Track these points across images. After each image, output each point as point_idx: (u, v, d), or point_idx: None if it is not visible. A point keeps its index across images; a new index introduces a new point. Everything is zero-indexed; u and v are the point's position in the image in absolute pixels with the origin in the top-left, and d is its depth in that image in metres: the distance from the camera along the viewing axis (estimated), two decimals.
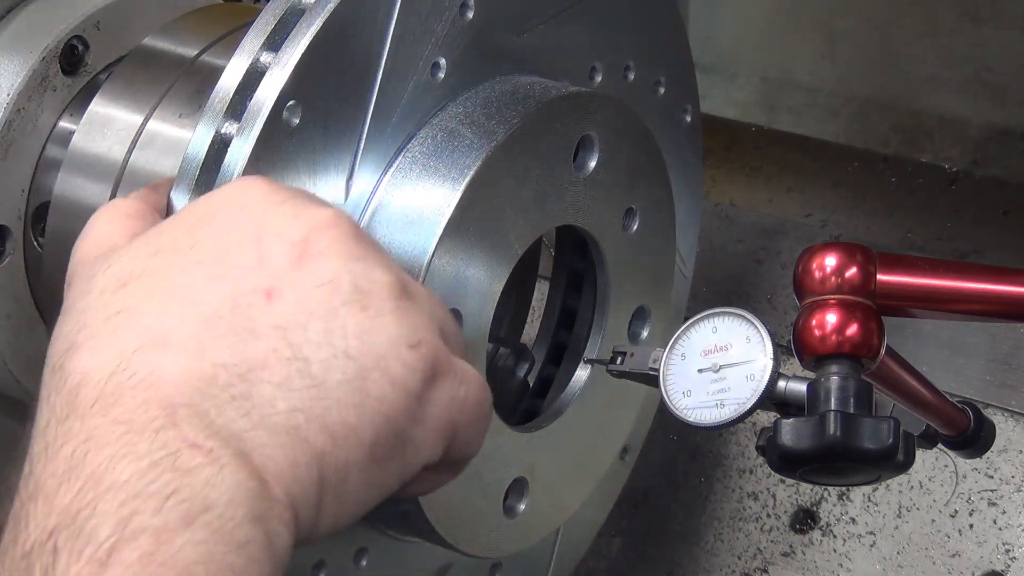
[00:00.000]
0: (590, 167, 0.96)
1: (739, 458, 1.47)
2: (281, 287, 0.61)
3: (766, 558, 1.42)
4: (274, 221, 0.63)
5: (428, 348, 0.63)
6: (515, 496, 1.00)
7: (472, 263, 0.87)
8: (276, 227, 0.63)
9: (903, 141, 1.67)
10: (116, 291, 0.62)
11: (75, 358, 0.60)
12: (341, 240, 0.63)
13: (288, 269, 0.62)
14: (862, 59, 1.69)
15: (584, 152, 0.96)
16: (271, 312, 0.60)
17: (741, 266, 1.55)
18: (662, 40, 1.11)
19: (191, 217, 0.66)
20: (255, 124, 0.77)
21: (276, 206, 0.64)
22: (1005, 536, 1.34)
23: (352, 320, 0.61)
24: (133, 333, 0.60)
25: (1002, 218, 1.55)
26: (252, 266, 0.62)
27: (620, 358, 0.92)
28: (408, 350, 0.62)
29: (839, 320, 0.81)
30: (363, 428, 0.60)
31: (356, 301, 0.62)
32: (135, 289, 0.62)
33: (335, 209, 0.65)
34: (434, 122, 0.89)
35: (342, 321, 0.61)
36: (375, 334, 0.62)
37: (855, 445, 0.77)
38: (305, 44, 0.79)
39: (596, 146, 0.96)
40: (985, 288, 0.84)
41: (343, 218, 0.65)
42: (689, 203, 1.20)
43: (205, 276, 0.61)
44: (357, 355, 0.61)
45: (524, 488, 1.01)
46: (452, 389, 0.65)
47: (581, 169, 0.96)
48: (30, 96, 0.99)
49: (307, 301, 0.61)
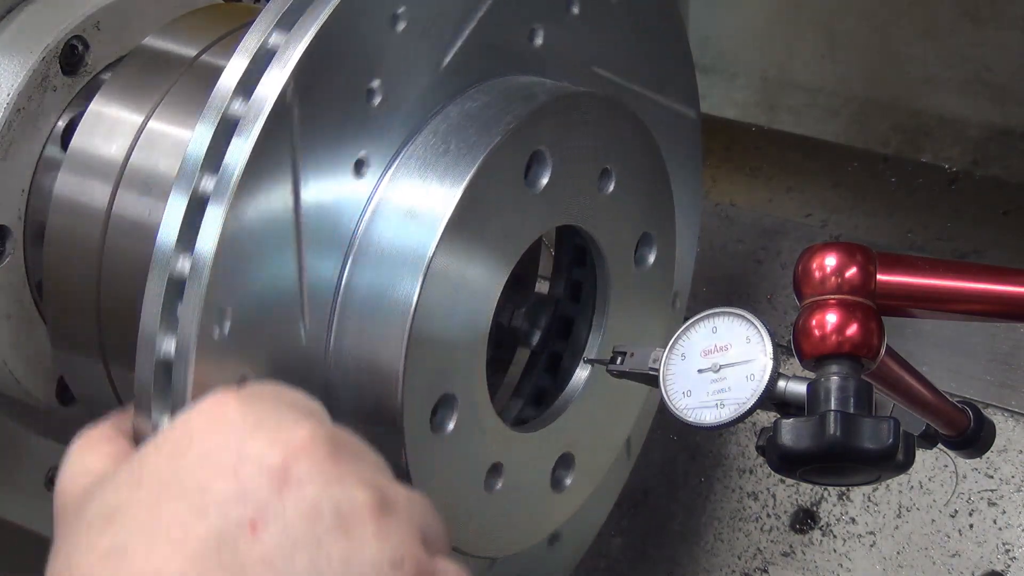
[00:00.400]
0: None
1: (739, 458, 1.47)
2: (266, 518, 0.62)
3: (766, 558, 1.42)
4: (251, 447, 0.64)
5: (411, 564, 0.64)
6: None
7: (472, 262, 0.87)
8: (254, 454, 0.64)
9: (903, 141, 1.67)
10: (103, 528, 0.63)
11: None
12: (319, 462, 0.64)
13: (271, 498, 0.62)
14: (862, 59, 1.69)
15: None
16: (257, 545, 0.61)
17: (741, 266, 1.55)
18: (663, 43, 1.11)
19: (169, 444, 0.66)
20: (256, 124, 0.78)
21: (251, 430, 0.65)
22: (1005, 536, 1.34)
23: (336, 548, 0.62)
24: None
25: (1002, 218, 1.55)
26: (235, 498, 0.62)
27: (620, 358, 0.92)
28: (391, 570, 0.63)
29: (839, 320, 0.81)
30: None
31: (338, 527, 0.63)
32: (123, 525, 0.63)
33: (310, 426, 0.66)
34: (435, 121, 0.89)
35: (327, 550, 0.62)
36: (359, 560, 0.63)
37: (855, 445, 0.77)
38: (306, 43, 0.79)
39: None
40: (985, 288, 0.84)
41: (319, 435, 0.65)
42: (689, 204, 1.20)
43: (189, 510, 0.62)
44: None
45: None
46: None
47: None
48: (30, 96, 0.99)
49: (291, 531, 0.62)
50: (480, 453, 0.95)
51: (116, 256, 0.93)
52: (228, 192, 0.77)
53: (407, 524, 0.66)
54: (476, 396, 0.92)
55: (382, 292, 0.85)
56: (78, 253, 0.95)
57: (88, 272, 0.95)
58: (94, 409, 1.02)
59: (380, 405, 0.86)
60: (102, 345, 0.96)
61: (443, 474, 0.91)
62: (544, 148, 0.91)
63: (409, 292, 0.84)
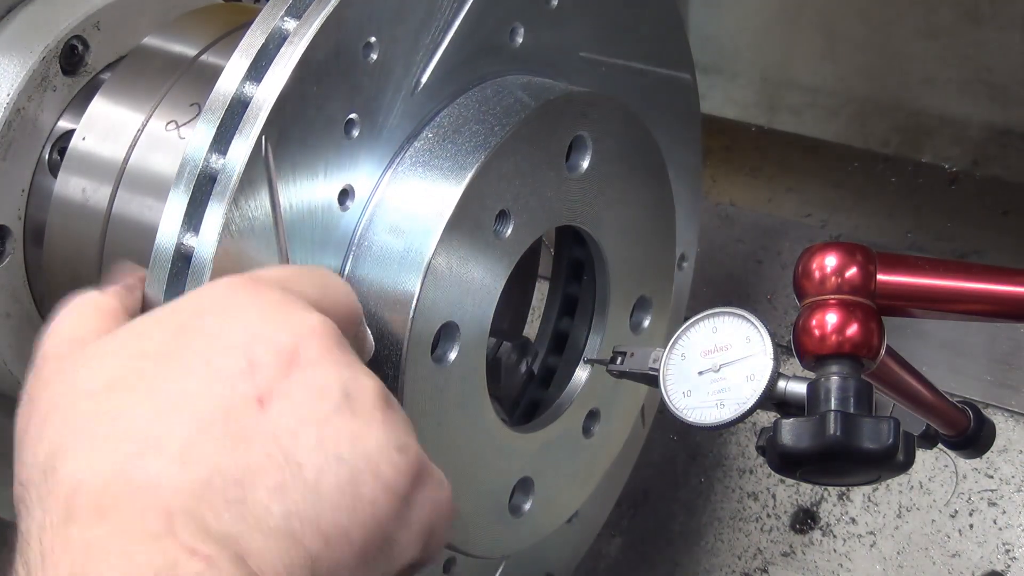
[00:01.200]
0: (584, 167, 0.96)
1: (739, 458, 1.47)
2: (272, 394, 0.62)
3: (766, 558, 1.42)
4: (263, 328, 0.64)
5: (414, 451, 0.65)
6: (520, 496, 1.01)
7: (472, 262, 0.87)
8: (265, 334, 0.64)
9: (903, 141, 1.67)
10: (106, 394, 0.63)
11: (69, 462, 0.60)
12: (329, 348, 0.65)
13: (279, 376, 0.63)
14: (862, 59, 1.69)
15: (577, 152, 0.96)
16: (264, 419, 0.62)
17: (741, 266, 1.55)
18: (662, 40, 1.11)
19: (176, 319, 0.66)
20: (256, 124, 0.78)
21: (264, 312, 0.65)
22: (1005, 536, 1.34)
23: (344, 426, 0.63)
24: (128, 439, 0.60)
25: (1002, 218, 1.55)
26: (243, 373, 0.62)
27: (620, 358, 0.92)
28: (397, 454, 0.64)
29: (839, 320, 0.81)
30: (355, 531, 0.62)
31: (346, 407, 0.63)
32: (126, 392, 0.62)
33: (321, 316, 0.66)
34: (434, 122, 0.89)
35: (334, 427, 0.62)
36: (366, 439, 0.63)
37: (855, 445, 0.77)
38: (306, 44, 0.79)
39: (595, 145, 0.96)
40: (985, 288, 0.84)
41: (329, 325, 0.66)
42: (688, 206, 1.20)
43: (197, 382, 0.62)
44: (350, 459, 0.62)
45: (529, 488, 1.01)
46: (432, 491, 0.66)
47: (576, 169, 0.96)
48: (30, 96, 0.99)
49: (299, 408, 0.62)
50: (484, 454, 0.95)
51: (116, 256, 0.93)
52: (228, 192, 0.77)
53: (406, 418, 0.66)
54: (477, 396, 0.92)
55: (382, 292, 0.85)
56: (78, 253, 0.95)
57: (88, 272, 0.95)
58: None
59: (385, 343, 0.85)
60: None
61: (453, 484, 0.91)
62: (546, 147, 0.91)
63: (409, 292, 0.84)
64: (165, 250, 0.78)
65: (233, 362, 0.62)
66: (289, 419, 0.62)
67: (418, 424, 0.85)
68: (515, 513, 1.01)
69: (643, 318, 1.08)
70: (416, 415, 0.86)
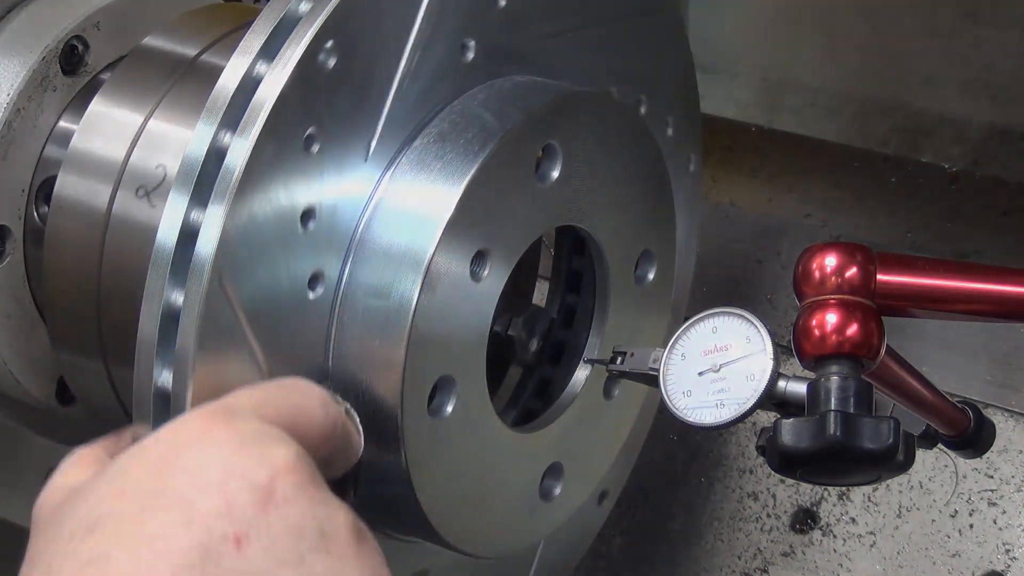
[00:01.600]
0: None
1: (739, 458, 1.47)
2: (249, 534, 0.62)
3: (766, 558, 1.42)
4: (239, 464, 0.64)
5: None
6: (550, 481, 1.02)
7: (455, 314, 0.87)
8: (241, 471, 0.64)
9: (903, 141, 1.67)
10: (85, 537, 0.63)
11: None
12: (304, 484, 0.65)
13: (255, 515, 0.63)
14: (862, 59, 1.69)
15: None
16: (241, 559, 0.62)
17: (741, 266, 1.55)
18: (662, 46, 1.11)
19: (154, 456, 0.66)
20: (256, 123, 0.78)
21: (239, 447, 0.65)
22: (1005, 536, 1.34)
23: (320, 566, 0.63)
24: None
25: (1002, 218, 1.55)
26: (220, 512, 0.62)
27: (620, 358, 0.92)
28: None
29: (839, 320, 0.81)
30: None
31: (322, 546, 0.64)
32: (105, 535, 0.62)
33: (296, 448, 0.66)
34: (435, 121, 0.89)
35: (310, 568, 0.63)
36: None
37: (855, 445, 0.77)
38: (304, 45, 0.79)
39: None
40: (985, 288, 0.84)
41: (303, 459, 0.66)
42: (687, 207, 1.20)
43: (174, 522, 0.62)
44: None
45: (559, 472, 1.02)
46: None
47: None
48: (30, 96, 0.99)
49: (276, 548, 0.62)
50: (482, 455, 0.95)
51: (116, 256, 0.93)
52: (228, 192, 0.77)
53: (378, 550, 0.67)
54: (477, 397, 0.92)
55: (382, 292, 0.85)
56: (78, 253, 0.95)
57: (88, 272, 0.95)
58: (94, 409, 1.02)
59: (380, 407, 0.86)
60: (102, 345, 0.96)
61: (445, 478, 0.91)
62: (552, 144, 0.91)
63: (409, 292, 0.84)
64: (166, 250, 0.78)
65: (211, 501, 0.63)
66: (267, 560, 0.62)
67: (429, 471, 0.89)
68: (547, 498, 1.02)
69: (647, 271, 1.08)
70: (425, 462, 0.88)
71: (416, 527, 0.93)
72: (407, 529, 0.94)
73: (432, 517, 0.91)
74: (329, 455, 0.72)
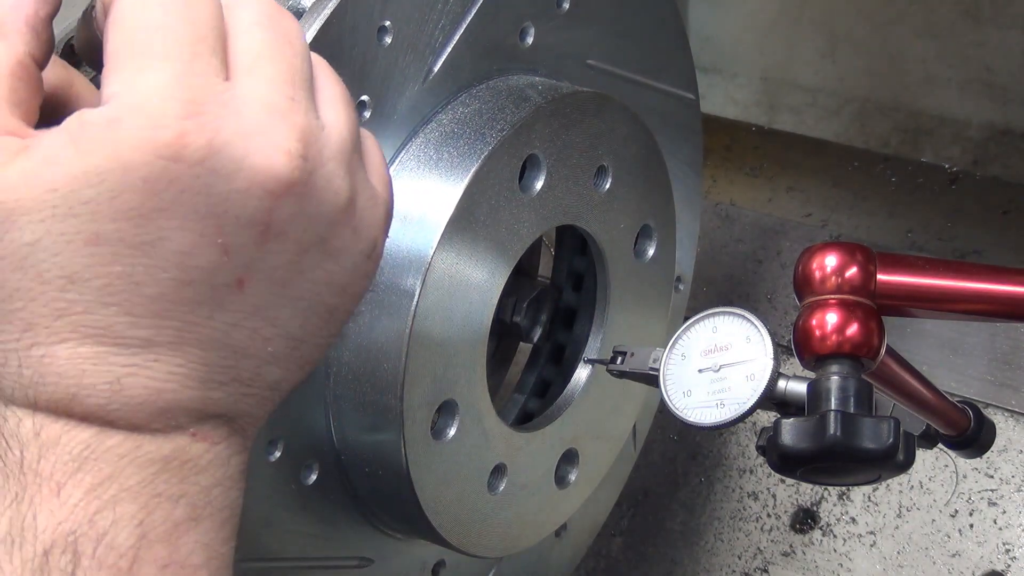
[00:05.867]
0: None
1: (739, 458, 1.47)
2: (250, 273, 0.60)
3: (766, 558, 1.42)
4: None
5: (378, 251, 0.66)
6: (565, 467, 1.03)
7: (473, 261, 0.87)
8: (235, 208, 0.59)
9: (903, 141, 1.67)
10: (65, 288, 0.56)
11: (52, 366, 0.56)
12: None
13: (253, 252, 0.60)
14: (862, 59, 1.70)
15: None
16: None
17: (741, 266, 1.55)
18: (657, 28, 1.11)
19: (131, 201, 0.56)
20: None
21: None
22: (1005, 536, 1.34)
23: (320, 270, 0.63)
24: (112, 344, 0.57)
25: (1002, 218, 1.55)
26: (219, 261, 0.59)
27: (620, 358, 0.92)
28: (366, 261, 0.65)
29: (839, 320, 0.81)
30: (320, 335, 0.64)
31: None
32: (87, 291, 0.56)
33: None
34: (436, 120, 0.89)
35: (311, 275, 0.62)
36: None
37: (855, 445, 0.77)
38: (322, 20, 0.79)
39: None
40: (985, 288, 0.84)
41: None
42: (687, 207, 1.20)
43: (174, 281, 0.57)
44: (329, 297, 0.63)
45: (573, 457, 1.02)
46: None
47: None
48: None
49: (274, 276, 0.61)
50: (482, 456, 0.95)
51: None
52: None
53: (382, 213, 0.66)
54: (477, 398, 0.92)
55: (382, 292, 0.85)
56: None
57: None
58: None
59: (380, 408, 0.86)
60: None
61: (445, 478, 0.91)
62: (538, 152, 0.91)
63: (410, 292, 0.84)
64: None
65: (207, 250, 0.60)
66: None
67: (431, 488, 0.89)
68: (562, 484, 1.03)
69: (647, 246, 1.08)
70: (435, 481, 0.89)
71: (430, 537, 0.94)
72: (421, 536, 0.95)
73: (447, 536, 0.93)
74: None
